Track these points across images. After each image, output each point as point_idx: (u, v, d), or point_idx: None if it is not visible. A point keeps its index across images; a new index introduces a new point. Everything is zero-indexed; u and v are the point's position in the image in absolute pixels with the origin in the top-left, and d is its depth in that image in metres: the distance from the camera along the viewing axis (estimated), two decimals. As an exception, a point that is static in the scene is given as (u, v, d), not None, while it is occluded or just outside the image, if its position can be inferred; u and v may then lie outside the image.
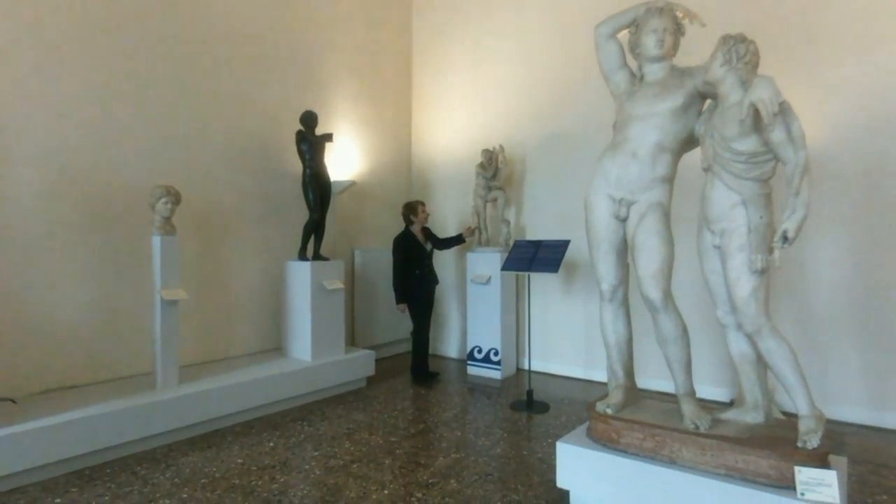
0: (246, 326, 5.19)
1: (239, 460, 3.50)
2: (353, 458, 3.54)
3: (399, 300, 5.44)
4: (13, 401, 3.55)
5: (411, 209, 5.52)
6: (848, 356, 4.17)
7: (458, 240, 5.74)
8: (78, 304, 4.03)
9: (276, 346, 5.34)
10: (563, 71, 5.73)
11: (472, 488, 3.10)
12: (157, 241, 3.99)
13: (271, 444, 3.77)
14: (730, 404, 4.04)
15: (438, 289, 5.79)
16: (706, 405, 2.83)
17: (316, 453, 3.61)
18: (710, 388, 4.54)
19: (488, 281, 5.67)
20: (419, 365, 5.50)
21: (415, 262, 5.43)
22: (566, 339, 5.66)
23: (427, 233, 5.64)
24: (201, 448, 3.70)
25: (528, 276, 4.95)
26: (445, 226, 6.63)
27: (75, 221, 4.03)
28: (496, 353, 5.64)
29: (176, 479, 3.21)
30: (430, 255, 5.58)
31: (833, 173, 4.16)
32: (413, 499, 2.97)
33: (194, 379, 4.19)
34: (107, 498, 2.98)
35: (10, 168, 3.74)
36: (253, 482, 3.18)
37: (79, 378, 4.03)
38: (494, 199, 5.85)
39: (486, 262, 5.72)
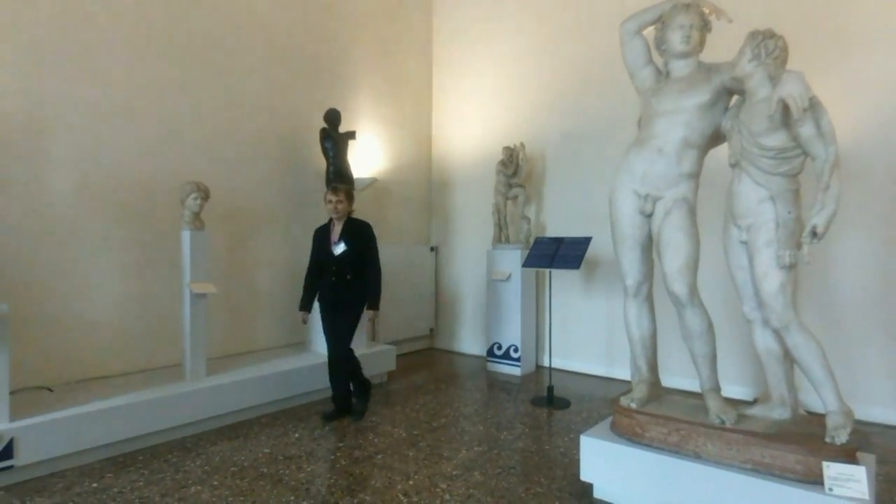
0: (271, 320, 5.28)
1: (266, 450, 3.58)
2: (378, 449, 3.59)
3: (300, 306, 4.25)
4: (50, 389, 3.68)
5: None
6: (874, 356, 4.12)
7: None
8: (111, 297, 4.15)
9: (299, 340, 5.42)
10: (585, 66, 5.73)
11: (496, 480, 3.13)
12: (186, 235, 4.09)
13: (297, 435, 3.84)
14: (752, 402, 4.01)
15: (459, 286, 5.77)
16: (731, 401, 2.83)
17: (341, 444, 3.68)
18: (730, 386, 4.51)
19: (508, 278, 5.70)
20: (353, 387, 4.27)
21: (321, 265, 4.18)
22: (587, 336, 5.66)
23: (355, 230, 4.11)
24: (229, 438, 3.78)
25: (550, 273, 4.96)
26: (465, 223, 6.68)
27: (109, 217, 4.15)
28: (516, 350, 5.66)
29: (206, 467, 3.30)
30: (344, 261, 4.04)
31: (858, 170, 4.11)
32: (438, 489, 3.01)
33: (222, 371, 4.29)
34: (141, 483, 3.08)
35: (47, 167, 3.86)
36: (281, 471, 3.25)
37: (111, 368, 4.15)
38: (515, 197, 5.87)
39: (506, 259, 5.74)
